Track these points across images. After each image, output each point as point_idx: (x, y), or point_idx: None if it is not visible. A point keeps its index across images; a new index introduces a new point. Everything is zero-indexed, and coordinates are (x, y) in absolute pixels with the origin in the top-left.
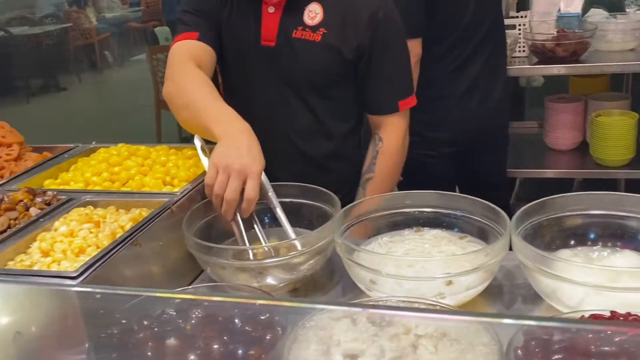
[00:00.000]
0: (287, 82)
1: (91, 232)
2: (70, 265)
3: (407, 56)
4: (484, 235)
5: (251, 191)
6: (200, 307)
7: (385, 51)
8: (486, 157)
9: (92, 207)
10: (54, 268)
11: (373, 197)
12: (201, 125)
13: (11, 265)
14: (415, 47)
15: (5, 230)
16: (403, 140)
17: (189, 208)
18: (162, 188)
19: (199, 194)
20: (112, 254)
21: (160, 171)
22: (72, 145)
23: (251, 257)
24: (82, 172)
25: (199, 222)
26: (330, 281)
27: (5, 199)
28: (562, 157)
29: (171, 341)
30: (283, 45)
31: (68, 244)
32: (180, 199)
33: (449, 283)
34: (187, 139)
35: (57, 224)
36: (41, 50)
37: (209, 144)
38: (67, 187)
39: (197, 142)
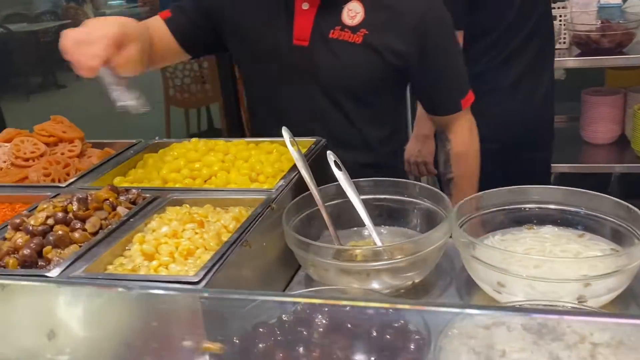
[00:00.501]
0: (321, 85)
1: (196, 233)
2: (182, 269)
3: (460, 51)
4: (603, 232)
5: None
6: (322, 312)
7: (442, 54)
8: (530, 153)
9: (187, 206)
10: (162, 272)
11: (480, 194)
12: None
13: (111, 269)
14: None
15: (97, 232)
16: (470, 136)
17: (285, 206)
18: (250, 185)
19: (294, 190)
20: (226, 257)
21: (245, 167)
22: (134, 141)
23: (360, 257)
24: (158, 169)
25: (296, 219)
26: (435, 286)
27: (90, 198)
28: (600, 151)
29: (300, 351)
30: (318, 46)
31: (174, 245)
32: (277, 196)
33: (587, 285)
34: (195, 136)
35: (153, 224)
36: (39, 47)
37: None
38: (145, 185)
39: (286, 135)
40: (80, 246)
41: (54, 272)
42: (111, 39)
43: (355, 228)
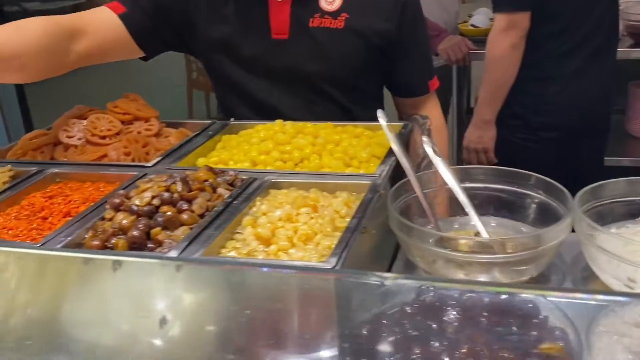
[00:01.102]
0: (305, 77)
1: (312, 218)
2: (305, 255)
3: (428, 36)
4: None
5: None
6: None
7: (415, 33)
8: (586, 143)
9: (295, 189)
10: (283, 257)
11: (596, 185)
12: None
13: (226, 253)
14: (523, 20)
15: (203, 214)
16: (440, 111)
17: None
18: (345, 169)
19: (392, 177)
20: (349, 243)
21: (337, 151)
22: (208, 121)
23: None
24: (244, 151)
25: (399, 204)
26: (549, 281)
27: (189, 179)
28: None
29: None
30: (298, 37)
31: (292, 230)
32: (382, 182)
33: None
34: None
35: (263, 207)
36: None
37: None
38: (233, 167)
39: (382, 119)
40: (190, 228)
41: (173, 255)
42: None
43: (458, 217)
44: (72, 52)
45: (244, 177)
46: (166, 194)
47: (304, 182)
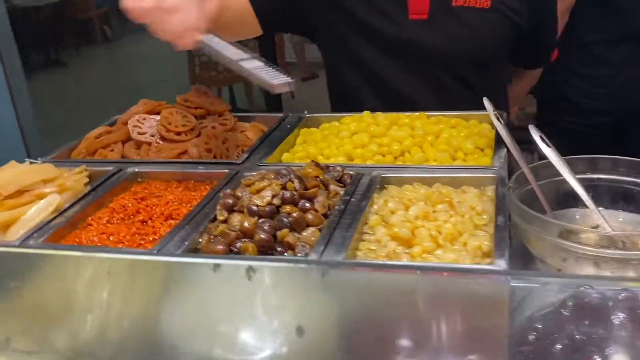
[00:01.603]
0: (443, 61)
1: (451, 215)
2: (456, 257)
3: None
4: None
5: None
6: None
7: (547, 8)
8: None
9: (418, 184)
10: (432, 259)
11: None
12: None
13: (362, 256)
14: None
15: (326, 214)
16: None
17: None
18: (452, 162)
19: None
20: (504, 242)
21: (440, 143)
22: (279, 114)
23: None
24: (335, 145)
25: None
26: None
27: (294, 175)
28: None
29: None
30: (439, 17)
31: (435, 229)
32: (505, 174)
33: None
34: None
35: (391, 205)
36: (40, 23)
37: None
38: (330, 162)
39: (489, 107)
40: (319, 229)
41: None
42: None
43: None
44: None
45: (350, 172)
46: (287, 193)
47: (416, 177)
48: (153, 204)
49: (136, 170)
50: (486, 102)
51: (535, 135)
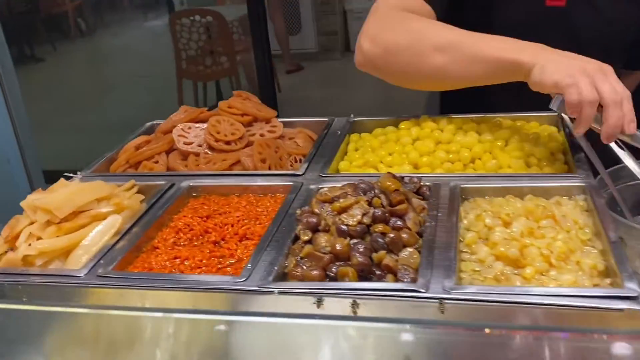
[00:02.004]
0: (581, 50)
1: (558, 232)
2: (575, 279)
3: None
4: None
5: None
6: None
7: None
8: None
9: (511, 196)
10: (547, 282)
11: None
12: (478, 61)
13: (467, 279)
14: None
15: (419, 232)
16: None
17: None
18: (527, 169)
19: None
20: (624, 261)
21: (512, 149)
22: (324, 118)
23: None
24: (399, 152)
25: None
26: None
27: (379, 190)
28: None
29: None
30: (578, 3)
31: (546, 247)
32: (593, 183)
33: None
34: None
35: (488, 220)
36: (15, 18)
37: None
38: (394, 171)
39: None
40: (418, 250)
41: (435, 290)
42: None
43: None
44: None
45: (427, 183)
46: (378, 211)
47: (498, 187)
48: (221, 222)
49: (191, 184)
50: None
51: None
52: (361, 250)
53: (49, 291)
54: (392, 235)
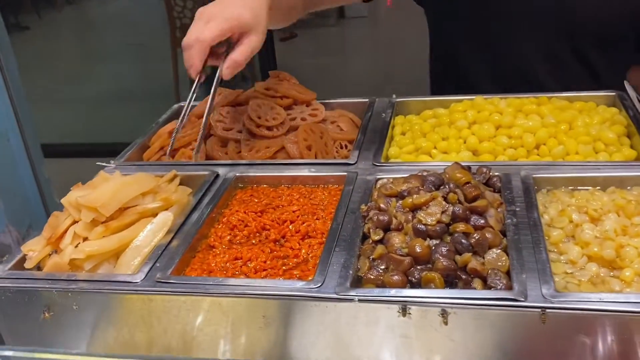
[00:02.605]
0: (562, 36)
1: None
2: None
3: None
4: None
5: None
6: None
7: None
8: None
9: (595, 189)
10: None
11: None
12: None
13: (560, 282)
14: None
15: (503, 230)
16: None
17: None
18: (595, 155)
19: None
20: None
21: (578, 133)
22: (364, 99)
23: None
24: (455, 137)
25: None
26: None
27: (453, 185)
28: None
29: None
30: None
31: None
32: None
33: None
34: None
35: (575, 217)
36: None
37: None
38: (451, 158)
39: (632, 91)
40: (505, 252)
41: (535, 298)
42: (208, 42)
43: None
44: None
45: (497, 173)
46: (458, 209)
47: (574, 177)
48: (278, 218)
49: (237, 174)
50: (628, 86)
51: None
52: (444, 252)
53: (101, 298)
54: (476, 235)
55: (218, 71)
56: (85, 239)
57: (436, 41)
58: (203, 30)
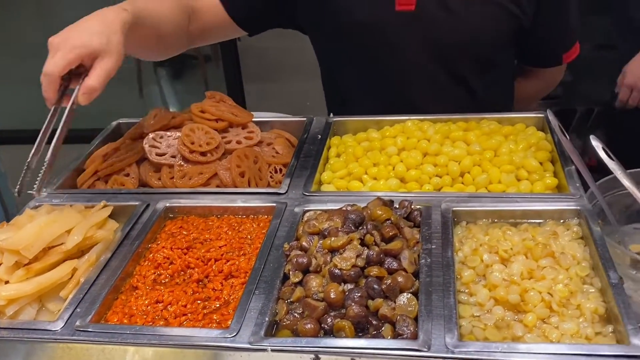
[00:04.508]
0: (435, 54)
1: (559, 272)
2: (577, 327)
3: (576, 3)
4: None
5: (94, 79)
6: None
7: (557, 4)
8: None
9: (501, 223)
10: (551, 331)
11: None
12: None
13: (468, 327)
14: None
15: (417, 270)
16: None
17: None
18: (517, 184)
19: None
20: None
21: (501, 161)
22: (301, 118)
23: None
24: (384, 163)
25: None
26: None
27: (371, 226)
28: None
29: None
30: (428, 8)
31: (546, 291)
32: (588, 207)
33: None
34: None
35: (486, 257)
36: None
37: None
38: (382, 187)
39: (553, 120)
40: (415, 294)
41: (438, 348)
42: (56, 75)
43: None
44: (188, 32)
45: (418, 206)
46: (372, 253)
47: (492, 210)
48: (203, 257)
49: (167, 204)
50: (550, 115)
51: (599, 149)
52: (357, 299)
53: (22, 347)
54: (388, 281)
55: (73, 97)
56: (7, 282)
57: (321, 63)
58: (50, 63)
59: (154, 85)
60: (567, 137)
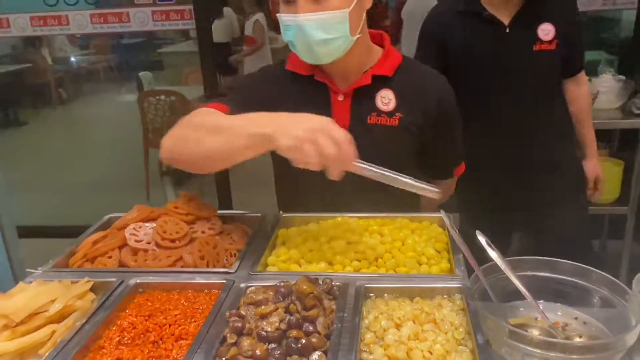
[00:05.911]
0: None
1: (438, 335)
2: None
3: (460, 127)
4: None
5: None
6: None
7: (446, 125)
8: None
9: (397, 295)
10: None
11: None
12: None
13: None
14: None
15: (327, 334)
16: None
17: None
18: (418, 266)
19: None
20: None
21: (408, 249)
22: (257, 214)
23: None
24: (317, 249)
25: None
26: None
27: (295, 296)
28: None
29: None
30: (357, 131)
31: (427, 350)
32: (467, 285)
33: None
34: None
35: (384, 323)
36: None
37: None
38: (313, 270)
39: (445, 218)
40: (325, 352)
41: None
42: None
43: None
44: None
45: (337, 283)
46: (293, 318)
47: (395, 287)
48: (160, 322)
49: (138, 281)
50: (444, 215)
51: (482, 242)
52: (277, 356)
53: None
54: (303, 340)
55: None
56: None
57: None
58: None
59: (159, 189)
60: (457, 232)
